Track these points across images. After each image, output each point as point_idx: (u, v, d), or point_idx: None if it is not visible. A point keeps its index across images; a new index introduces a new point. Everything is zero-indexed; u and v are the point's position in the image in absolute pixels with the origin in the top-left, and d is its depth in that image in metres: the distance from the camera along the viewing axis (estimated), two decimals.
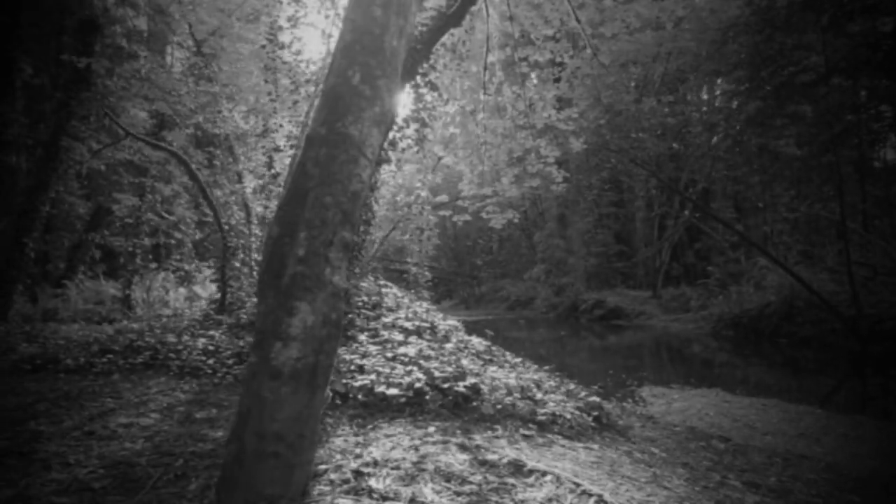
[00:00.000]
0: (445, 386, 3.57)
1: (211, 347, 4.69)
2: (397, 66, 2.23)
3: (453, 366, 3.91)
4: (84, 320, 8.30)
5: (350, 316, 5.10)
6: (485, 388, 3.65)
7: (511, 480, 2.16)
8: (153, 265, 12.60)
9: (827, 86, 10.91)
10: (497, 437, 3.00)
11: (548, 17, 8.28)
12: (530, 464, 2.31)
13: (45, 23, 12.68)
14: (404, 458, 2.35)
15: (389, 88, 2.19)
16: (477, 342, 5.28)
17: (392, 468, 2.23)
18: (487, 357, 4.94)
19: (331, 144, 2.04)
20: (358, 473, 2.14)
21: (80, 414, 3.05)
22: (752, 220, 20.61)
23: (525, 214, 25.73)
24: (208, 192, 7.23)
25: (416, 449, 2.54)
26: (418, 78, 6.07)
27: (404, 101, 7.30)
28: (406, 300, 6.17)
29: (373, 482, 2.06)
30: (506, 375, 4.33)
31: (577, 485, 2.12)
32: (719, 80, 20.41)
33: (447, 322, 5.68)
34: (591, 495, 2.04)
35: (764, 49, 11.70)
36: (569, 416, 3.70)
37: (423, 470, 2.23)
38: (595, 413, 4.06)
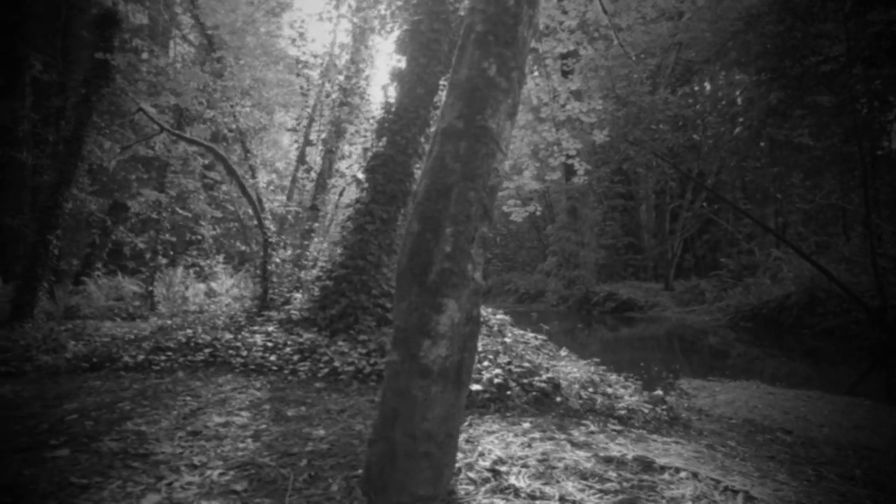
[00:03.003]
0: (524, 381, 3.55)
1: (270, 344, 4.64)
2: (526, 57, 2.18)
3: (526, 361, 3.88)
4: (117, 317, 8.22)
5: None
6: (564, 383, 3.63)
7: (647, 477, 2.14)
8: (163, 260, 12.54)
9: (850, 75, 10.87)
10: (593, 433, 2.97)
11: (565, 7, 8.30)
12: (659, 460, 2.29)
13: (52, 19, 12.53)
14: (527, 456, 2.32)
15: (520, 80, 2.15)
16: (531, 337, 5.26)
17: (521, 466, 2.21)
18: (546, 352, 4.91)
19: (471, 138, 2.00)
20: (494, 472, 2.11)
21: (170, 413, 3.01)
22: (759, 211, 20.62)
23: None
24: (247, 187, 7.15)
25: (530, 445, 2.51)
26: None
27: None
28: None
29: (513, 480, 2.04)
30: (571, 370, 4.31)
31: (717, 481, 2.10)
32: (723, 73, 20.40)
33: (497, 316, 5.66)
34: (735, 492, 2.02)
35: (786, 38, 11.64)
36: (646, 411, 3.69)
37: (553, 468, 2.20)
38: (664, 407, 4.05)
